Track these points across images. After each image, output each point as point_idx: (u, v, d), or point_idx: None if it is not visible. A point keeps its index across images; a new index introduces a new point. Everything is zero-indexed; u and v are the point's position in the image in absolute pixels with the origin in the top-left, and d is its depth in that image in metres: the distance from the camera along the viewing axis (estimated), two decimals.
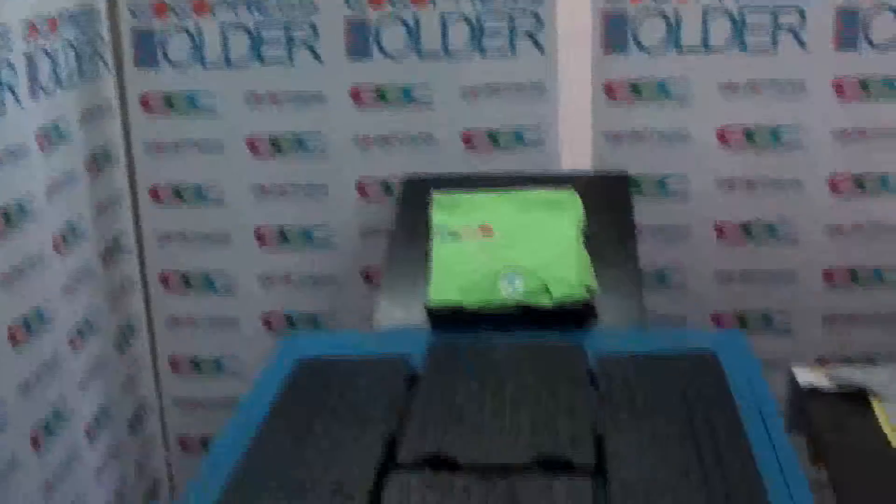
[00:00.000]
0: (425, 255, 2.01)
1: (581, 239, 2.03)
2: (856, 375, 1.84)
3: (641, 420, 1.47)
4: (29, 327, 2.00)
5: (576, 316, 1.87)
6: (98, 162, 2.44)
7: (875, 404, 1.77)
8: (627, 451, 1.39)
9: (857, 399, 1.81)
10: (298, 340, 2.09)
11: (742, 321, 2.55)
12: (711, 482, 1.30)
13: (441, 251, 2.02)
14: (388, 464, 1.39)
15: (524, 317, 1.86)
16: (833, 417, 1.77)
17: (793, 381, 1.90)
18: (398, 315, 1.96)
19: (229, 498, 1.34)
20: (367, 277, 2.58)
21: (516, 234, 2.03)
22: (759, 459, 1.36)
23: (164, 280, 2.65)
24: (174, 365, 2.72)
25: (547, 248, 1.98)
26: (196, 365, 2.72)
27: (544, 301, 1.86)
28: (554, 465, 1.37)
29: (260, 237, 2.60)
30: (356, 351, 1.74)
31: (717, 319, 2.55)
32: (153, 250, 2.64)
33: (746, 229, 2.51)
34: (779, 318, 2.54)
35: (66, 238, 2.21)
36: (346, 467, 1.36)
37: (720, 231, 2.51)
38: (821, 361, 2.25)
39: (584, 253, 2.00)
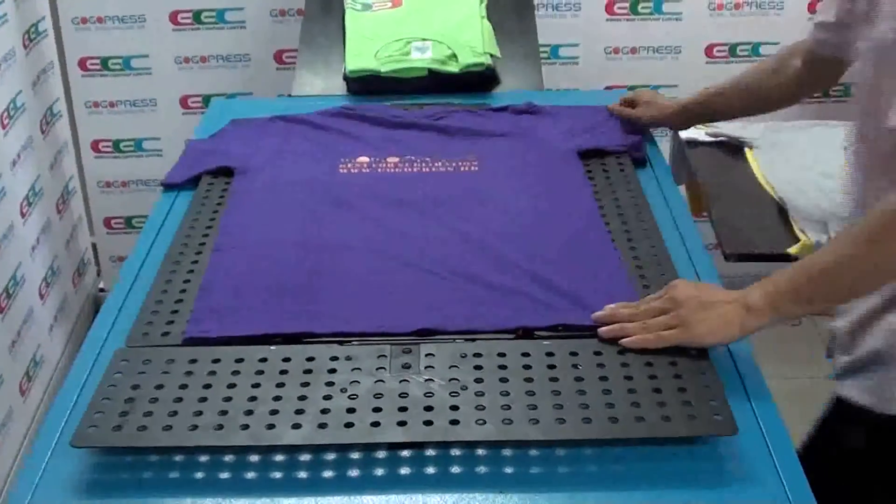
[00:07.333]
0: (342, 32, 2.13)
1: (484, 11, 2.16)
2: (731, 129, 2.03)
3: None
4: None
5: (480, 81, 2.02)
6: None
7: (748, 154, 1.97)
8: None
9: (733, 149, 2.00)
10: (230, 103, 2.18)
11: None
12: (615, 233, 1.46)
13: (355, 22, 2.13)
14: None
15: (433, 83, 2.00)
16: (712, 164, 1.97)
17: (675, 136, 2.09)
18: (318, 85, 2.08)
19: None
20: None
21: (424, 5, 2.15)
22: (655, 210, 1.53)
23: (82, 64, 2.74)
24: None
25: (453, 18, 2.12)
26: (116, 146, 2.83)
27: (452, 67, 2.00)
28: None
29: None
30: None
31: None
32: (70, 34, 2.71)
33: None
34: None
35: None
36: None
37: None
38: None
39: (488, 23, 2.13)
